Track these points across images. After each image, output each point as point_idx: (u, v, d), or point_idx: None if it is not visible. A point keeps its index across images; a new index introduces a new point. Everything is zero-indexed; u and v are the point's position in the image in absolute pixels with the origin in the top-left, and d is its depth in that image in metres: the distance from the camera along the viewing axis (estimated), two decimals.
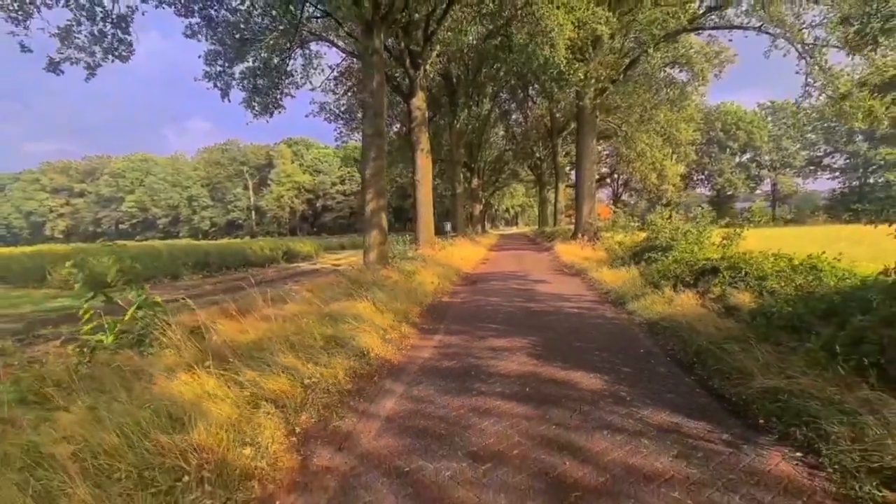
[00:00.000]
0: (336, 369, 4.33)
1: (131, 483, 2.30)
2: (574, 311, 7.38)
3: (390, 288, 8.23)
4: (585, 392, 3.78)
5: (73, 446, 2.54)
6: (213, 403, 3.20)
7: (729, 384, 3.73)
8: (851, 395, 2.95)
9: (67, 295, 13.03)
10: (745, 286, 5.97)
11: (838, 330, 3.80)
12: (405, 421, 3.39)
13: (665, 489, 2.39)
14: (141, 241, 69.05)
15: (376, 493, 2.48)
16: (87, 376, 3.97)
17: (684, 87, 29.35)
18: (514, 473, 2.60)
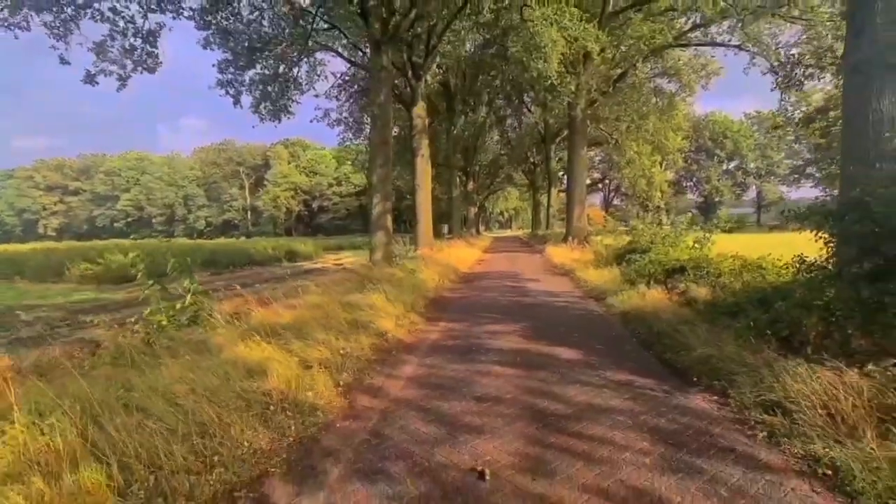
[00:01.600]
0: (362, 344, 5.29)
1: (238, 408, 3.25)
2: (560, 304, 8.40)
3: (397, 283, 9.18)
4: (564, 361, 4.78)
5: (186, 386, 3.47)
6: (275, 364, 4.14)
7: (676, 355, 4.74)
8: (758, 357, 3.97)
9: (87, 289, 13.79)
10: (705, 282, 7.02)
11: (763, 313, 4.83)
12: (423, 379, 4.36)
13: (613, 415, 3.38)
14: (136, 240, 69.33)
15: (407, 419, 3.44)
16: (164, 346, 4.88)
17: (673, 97, 30.59)
18: (507, 408, 3.58)
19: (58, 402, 2.85)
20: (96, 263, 15.12)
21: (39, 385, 3.26)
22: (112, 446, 2.51)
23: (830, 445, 2.69)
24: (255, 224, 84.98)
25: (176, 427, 2.82)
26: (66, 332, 7.63)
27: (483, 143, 38.32)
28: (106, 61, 10.73)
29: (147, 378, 3.55)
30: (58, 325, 8.21)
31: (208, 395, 3.31)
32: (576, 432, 3.13)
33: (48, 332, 7.55)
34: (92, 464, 2.35)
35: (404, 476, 2.64)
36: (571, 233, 22.44)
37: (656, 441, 2.98)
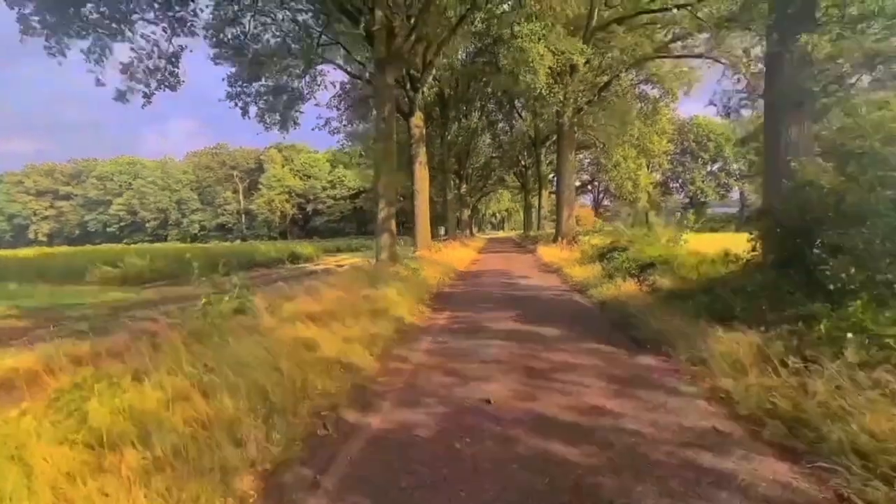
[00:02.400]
0: (385, 327, 6.45)
1: (305, 366, 4.40)
2: (548, 296, 9.63)
3: (403, 280, 10.34)
4: (549, 336, 5.98)
5: (264, 353, 4.60)
6: (322, 340, 5.29)
7: (637, 331, 5.97)
8: (695, 328, 5.19)
9: (112, 289, 14.73)
10: (669, 275, 8.28)
11: (706, 297, 6.08)
12: (438, 351, 5.54)
13: (582, 369, 4.59)
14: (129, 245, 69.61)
15: (430, 375, 4.62)
16: (225, 329, 5.98)
17: (657, 103, 32.10)
18: (504, 366, 4.77)
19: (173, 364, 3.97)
20: (116, 266, 16.06)
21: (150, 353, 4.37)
22: (233, 386, 3.65)
23: (726, 380, 3.91)
24: (250, 227, 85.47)
25: (270, 377, 3.96)
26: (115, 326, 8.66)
27: (475, 146, 39.65)
28: (132, 80, 11.77)
29: (228, 349, 4.67)
30: (105, 319, 9.23)
31: (281, 359, 4.45)
32: (554, 378, 4.34)
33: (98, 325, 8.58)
34: (225, 396, 3.48)
35: (434, 404, 3.82)
36: (561, 233, 23.77)
37: (611, 382, 4.19)
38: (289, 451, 3.03)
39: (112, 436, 2.74)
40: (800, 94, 5.44)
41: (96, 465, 2.51)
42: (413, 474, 2.74)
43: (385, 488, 2.60)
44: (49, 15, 9.78)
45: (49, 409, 3.11)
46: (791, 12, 5.44)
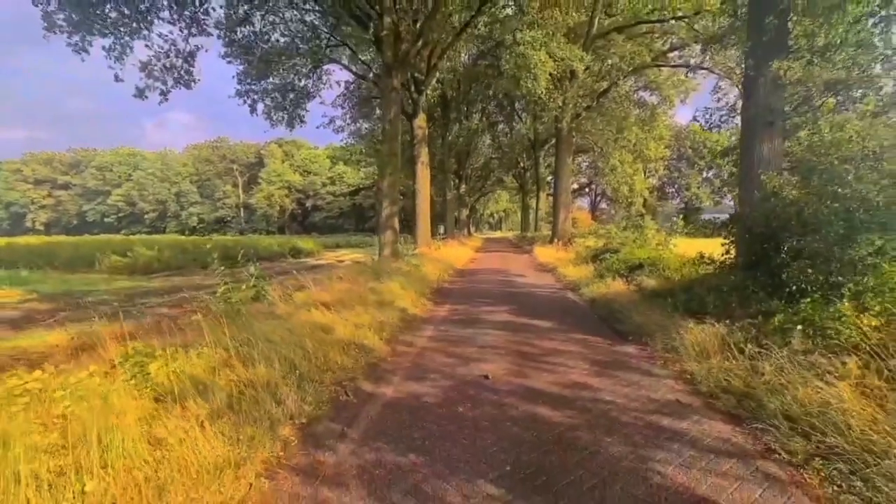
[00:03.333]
0: (391, 316, 7.02)
1: (325, 345, 4.96)
2: (542, 293, 10.22)
3: (406, 275, 10.90)
4: (541, 327, 6.57)
5: (287, 333, 5.16)
6: (336, 324, 5.86)
7: (621, 324, 6.57)
8: (672, 322, 5.79)
9: (121, 278, 15.20)
10: (655, 275, 8.88)
11: (684, 295, 6.68)
12: (440, 337, 6.11)
13: (569, 354, 5.18)
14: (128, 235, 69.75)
15: (434, 356, 5.19)
16: (245, 313, 6.53)
17: (655, 109, 32.76)
18: (499, 350, 5.35)
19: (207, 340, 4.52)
20: (125, 256, 16.53)
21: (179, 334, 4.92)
22: (266, 358, 4.21)
23: (691, 360, 4.51)
24: (248, 221, 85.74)
25: (296, 352, 4.52)
26: (135, 311, 9.18)
27: (475, 147, 40.23)
28: (150, 78, 12.27)
29: (256, 328, 5.23)
30: (123, 305, 9.74)
31: (304, 338, 5.01)
32: (544, 361, 4.92)
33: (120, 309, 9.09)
34: (261, 365, 4.04)
35: (439, 380, 4.39)
36: (557, 235, 24.39)
37: (593, 365, 4.78)
38: (318, 410, 3.60)
39: (173, 392, 3.30)
40: (771, 114, 6.04)
41: (166, 412, 3.06)
42: (424, 429, 3.31)
43: (401, 438, 3.18)
44: (73, 13, 10.26)
45: (113, 372, 3.67)
46: (765, 40, 6.04)
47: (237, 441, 2.88)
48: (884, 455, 2.56)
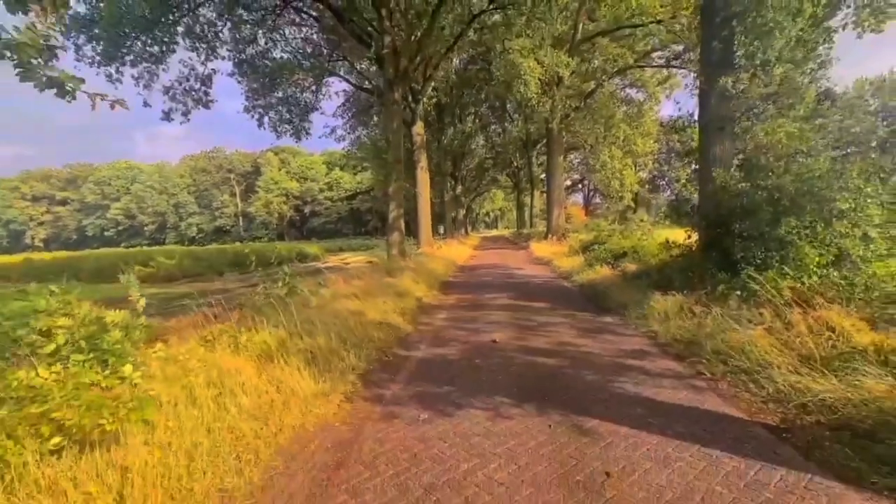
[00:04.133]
0: (409, 303, 8.20)
1: (362, 324, 6.13)
2: (538, 282, 11.42)
3: (414, 271, 12.08)
4: (537, 307, 7.77)
5: (326, 318, 6.32)
6: (366, 311, 7.03)
7: (604, 302, 7.78)
8: (644, 297, 6.99)
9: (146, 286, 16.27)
10: (636, 261, 10.10)
11: (658, 275, 7.90)
12: (453, 317, 7.30)
13: (559, 324, 6.38)
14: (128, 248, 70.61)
15: (450, 331, 6.37)
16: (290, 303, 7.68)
17: (641, 106, 34.04)
18: (503, 325, 6.54)
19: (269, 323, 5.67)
20: (147, 266, 17.63)
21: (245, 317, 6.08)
22: (324, 333, 5.38)
23: (659, 325, 5.72)
24: (247, 230, 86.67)
25: (342, 330, 5.69)
26: (179, 310, 10.29)
27: (469, 149, 41.47)
28: (173, 101, 13.41)
29: (304, 314, 6.39)
30: (166, 307, 10.86)
31: (345, 319, 6.19)
32: (539, 330, 6.12)
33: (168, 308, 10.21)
34: (320, 338, 5.21)
35: (457, 344, 5.58)
36: (551, 230, 25.64)
37: (579, 331, 5.98)
38: (370, 366, 4.79)
39: (262, 355, 4.47)
40: (721, 120, 7.25)
41: (268, 365, 4.23)
42: (451, 373, 4.50)
43: (435, 379, 4.36)
44: (108, 47, 11.40)
45: (209, 344, 4.83)
46: (714, 59, 7.26)
47: (322, 382, 4.06)
48: (768, 366, 3.77)
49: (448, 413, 3.51)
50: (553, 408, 3.51)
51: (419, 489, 2.50)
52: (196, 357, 4.23)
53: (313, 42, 19.39)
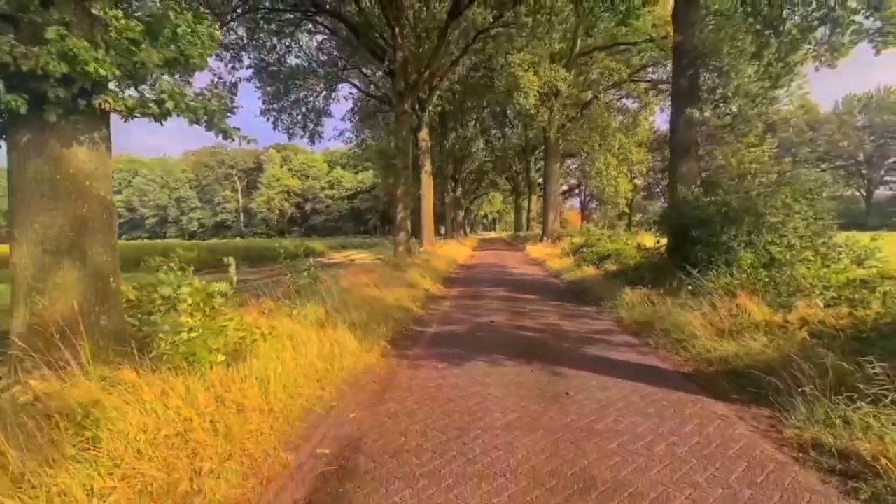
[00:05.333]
0: (419, 293, 9.51)
1: (382, 308, 7.44)
2: (531, 280, 12.76)
3: (420, 267, 13.39)
4: (529, 299, 9.10)
5: (353, 302, 7.62)
6: (384, 297, 8.34)
7: (587, 296, 9.12)
8: (619, 291, 8.33)
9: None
10: (618, 262, 11.46)
11: (634, 273, 9.24)
12: (457, 305, 8.62)
13: (546, 311, 7.72)
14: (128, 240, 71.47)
15: (456, 314, 7.69)
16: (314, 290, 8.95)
17: (636, 115, 35.45)
18: (498, 311, 7.88)
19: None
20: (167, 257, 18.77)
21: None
22: (356, 311, 6.67)
23: (625, 312, 7.06)
24: (248, 225, 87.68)
25: (368, 310, 7.00)
26: None
27: (470, 152, 42.85)
28: None
29: (332, 298, 7.68)
30: None
31: (369, 303, 7.48)
32: (529, 315, 7.45)
33: None
34: (353, 314, 6.50)
35: (462, 323, 6.90)
36: (546, 233, 27.02)
37: (561, 316, 7.32)
38: (395, 336, 6.11)
39: (317, 323, 5.77)
40: (687, 144, 8.61)
41: (322, 330, 5.53)
42: (459, 342, 5.82)
43: (447, 344, 5.68)
44: None
45: (267, 315, 6.12)
46: (683, 92, 8.62)
47: (363, 343, 5.36)
48: (694, 337, 5.11)
49: (458, 364, 4.83)
50: (535, 361, 4.83)
51: (442, 399, 3.82)
52: (267, 322, 5.54)
53: (327, 50, 20.69)
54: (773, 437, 3.03)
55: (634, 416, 3.38)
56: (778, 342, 4.27)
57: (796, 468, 2.64)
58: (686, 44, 8.48)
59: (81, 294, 3.11)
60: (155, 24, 3.10)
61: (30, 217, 2.98)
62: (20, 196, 3.00)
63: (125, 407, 2.66)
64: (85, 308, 3.10)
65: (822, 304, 4.99)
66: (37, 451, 2.22)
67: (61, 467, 2.18)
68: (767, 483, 2.48)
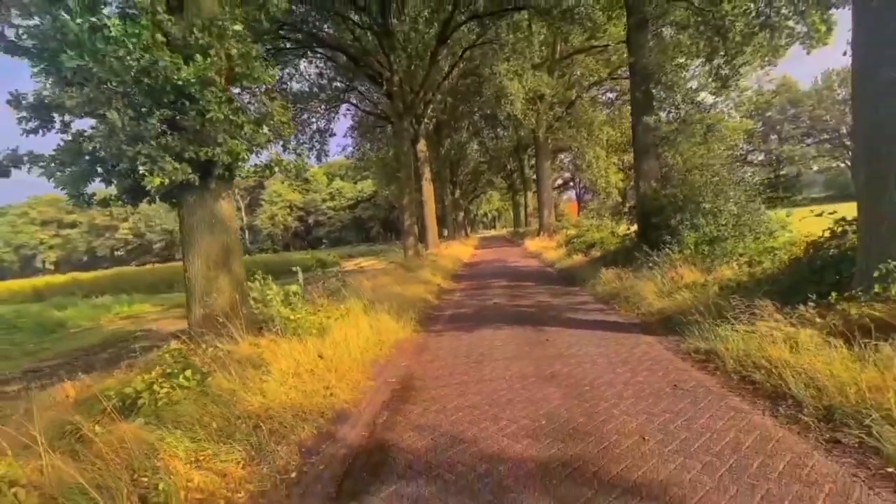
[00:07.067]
0: (433, 288, 11.27)
1: (406, 299, 9.21)
2: (528, 270, 14.52)
3: (430, 267, 15.15)
4: (525, 285, 10.86)
5: (384, 295, 9.37)
6: (405, 292, 10.10)
7: (574, 279, 10.87)
8: (598, 272, 10.06)
9: None
10: (601, 249, 13.20)
11: (611, 257, 10.99)
12: (466, 294, 10.39)
13: (539, 293, 9.48)
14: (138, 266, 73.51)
15: (466, 300, 9.46)
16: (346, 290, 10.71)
17: (622, 108, 37.04)
18: (500, 295, 9.64)
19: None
20: None
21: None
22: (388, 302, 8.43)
23: (600, 287, 8.81)
24: (254, 242, 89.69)
25: (397, 300, 8.76)
26: None
27: (465, 155, 44.67)
28: None
29: (365, 294, 9.44)
30: None
31: (396, 297, 9.24)
32: (525, 296, 9.21)
33: None
34: (385, 304, 8.26)
35: (471, 307, 8.66)
36: (543, 228, 28.77)
37: (550, 295, 9.08)
38: (420, 318, 7.88)
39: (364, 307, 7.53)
40: (646, 146, 10.35)
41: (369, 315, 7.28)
42: (470, 317, 7.58)
43: (462, 320, 7.44)
44: None
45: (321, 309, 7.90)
46: (640, 103, 10.37)
47: (398, 323, 7.12)
48: (644, 299, 6.85)
49: (470, 331, 6.60)
50: (527, 324, 6.60)
51: (463, 350, 5.58)
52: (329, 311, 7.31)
53: (327, 76, 22.49)
54: (674, 349, 4.79)
55: (589, 347, 5.14)
56: (697, 296, 6.01)
57: (679, 361, 4.40)
58: (638, 63, 10.23)
59: (231, 294, 4.89)
60: (264, 119, 4.89)
61: (197, 246, 4.76)
62: (190, 233, 4.77)
63: (273, 357, 4.43)
64: (234, 303, 4.88)
65: (737, 267, 6.73)
66: (241, 375, 3.99)
67: (257, 380, 3.94)
68: (661, 370, 4.23)
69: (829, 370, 3.26)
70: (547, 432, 3.19)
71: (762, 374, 3.63)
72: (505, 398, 3.91)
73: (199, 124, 4.23)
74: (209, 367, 4.02)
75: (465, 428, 3.39)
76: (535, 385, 4.14)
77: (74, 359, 7.98)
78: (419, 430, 3.45)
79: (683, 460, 2.65)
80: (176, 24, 4.21)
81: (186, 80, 3.90)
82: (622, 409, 3.44)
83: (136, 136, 4.05)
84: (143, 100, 4.10)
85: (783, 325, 4.15)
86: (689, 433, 2.98)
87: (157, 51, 3.97)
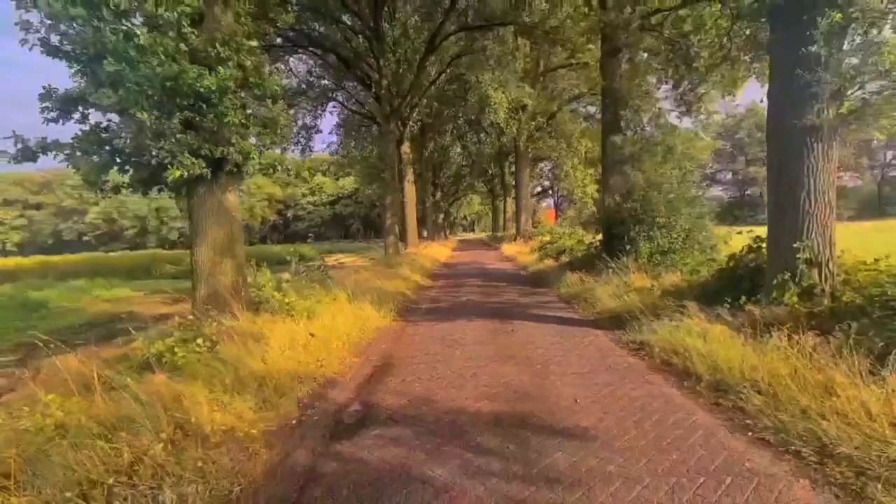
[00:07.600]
0: (411, 284, 11.96)
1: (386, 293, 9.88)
2: (502, 272, 15.38)
3: (409, 265, 15.82)
4: (498, 285, 11.67)
5: (364, 288, 10.01)
6: (385, 286, 10.76)
7: (543, 282, 11.75)
8: (565, 276, 10.96)
9: (181, 281, 19.43)
10: (570, 255, 14.15)
11: (580, 262, 11.92)
12: (443, 291, 11.12)
13: (510, 292, 10.30)
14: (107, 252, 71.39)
15: (442, 296, 10.19)
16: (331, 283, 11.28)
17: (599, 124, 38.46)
18: (474, 293, 10.42)
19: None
20: (176, 265, 20.70)
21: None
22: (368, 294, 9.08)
23: (564, 289, 9.68)
24: None
25: (377, 293, 9.42)
26: None
27: (447, 157, 45.51)
28: None
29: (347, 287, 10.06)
30: None
31: (377, 290, 9.90)
32: (496, 295, 10.02)
33: None
34: (367, 296, 8.90)
35: (446, 302, 9.40)
36: (519, 233, 29.82)
37: (519, 294, 9.91)
38: (398, 309, 8.56)
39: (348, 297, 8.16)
40: (613, 164, 11.33)
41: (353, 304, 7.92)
42: (445, 311, 8.32)
43: (437, 313, 8.17)
44: None
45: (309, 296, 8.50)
46: (609, 124, 11.34)
47: (379, 313, 7.79)
48: (600, 300, 7.73)
49: (444, 322, 7.33)
50: (496, 318, 7.38)
51: (436, 336, 6.31)
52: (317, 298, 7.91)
53: (317, 74, 22.91)
54: (616, 340, 5.65)
55: (547, 337, 5.96)
56: (643, 298, 6.91)
57: (618, 349, 5.25)
58: (609, 87, 11.22)
59: (233, 277, 5.48)
60: (271, 122, 5.50)
61: (205, 233, 5.34)
62: (199, 222, 5.35)
63: (271, 333, 5.05)
64: (236, 284, 5.47)
65: (680, 275, 7.69)
66: (244, 345, 4.60)
67: (258, 350, 4.57)
68: (601, 356, 5.06)
69: (726, 355, 4.14)
70: (502, 396, 3.95)
71: (679, 359, 4.50)
72: (470, 373, 4.66)
73: (215, 126, 4.82)
74: (217, 337, 4.62)
75: (435, 393, 4.12)
76: (497, 364, 4.90)
77: (68, 335, 8.31)
78: (398, 394, 4.16)
79: (603, 414, 3.46)
80: (198, 36, 4.80)
81: (208, 87, 4.51)
82: (565, 382, 4.24)
83: (159, 133, 4.63)
84: (168, 102, 4.67)
85: (702, 321, 5.05)
86: (612, 398, 3.79)
87: (182, 60, 4.56)
